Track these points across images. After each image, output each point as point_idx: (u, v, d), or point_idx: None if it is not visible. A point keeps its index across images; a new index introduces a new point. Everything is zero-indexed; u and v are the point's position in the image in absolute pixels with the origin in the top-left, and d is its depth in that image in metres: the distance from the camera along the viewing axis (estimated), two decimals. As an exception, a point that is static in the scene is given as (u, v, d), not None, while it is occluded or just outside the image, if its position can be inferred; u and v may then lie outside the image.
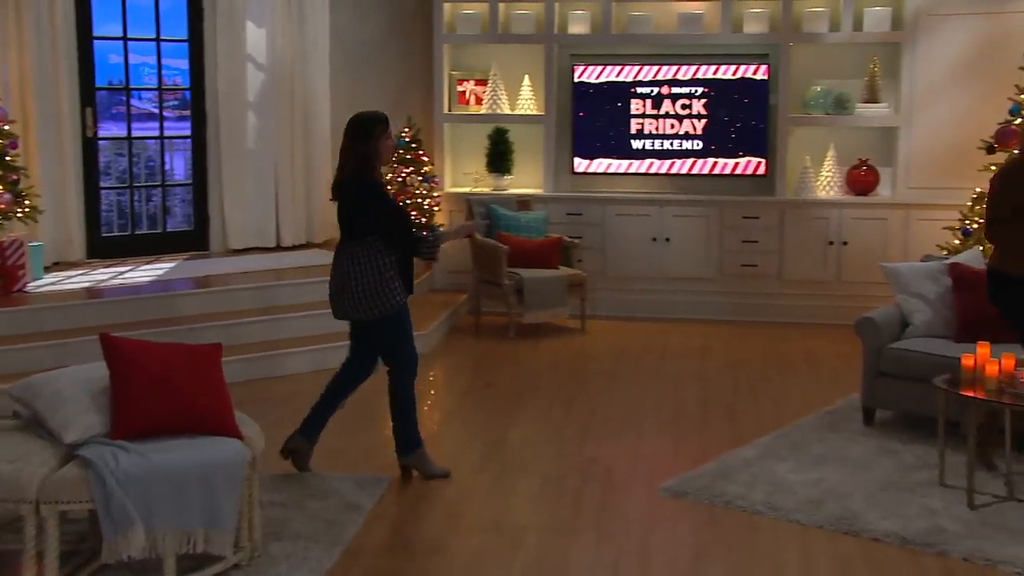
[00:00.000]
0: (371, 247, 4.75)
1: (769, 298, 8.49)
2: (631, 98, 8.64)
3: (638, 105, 8.64)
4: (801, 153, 8.54)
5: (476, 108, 8.88)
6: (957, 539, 4.18)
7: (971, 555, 4.05)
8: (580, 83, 8.66)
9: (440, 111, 8.80)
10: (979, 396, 4.50)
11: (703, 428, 5.74)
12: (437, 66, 8.80)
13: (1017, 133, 6.92)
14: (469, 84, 8.90)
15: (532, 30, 8.71)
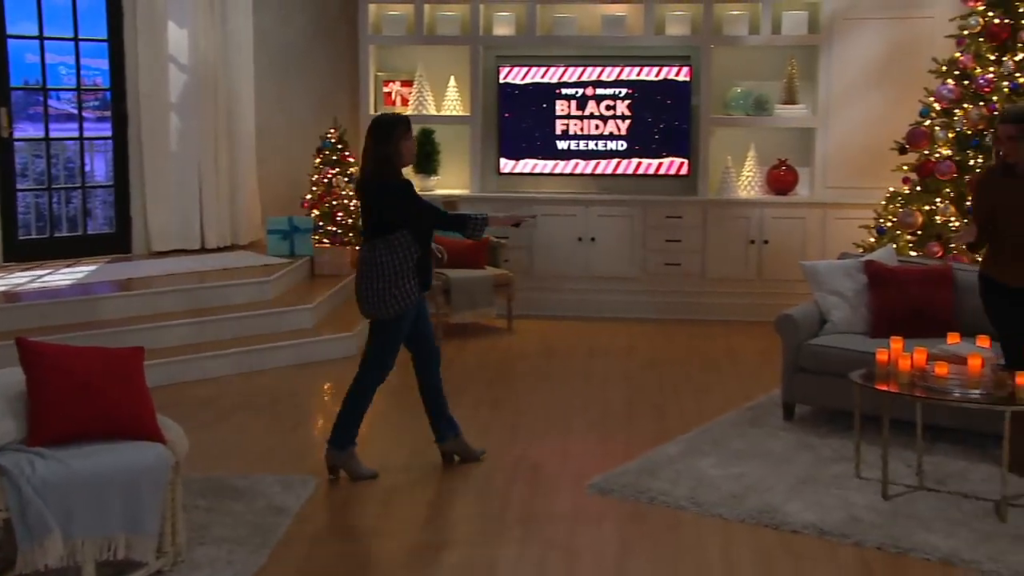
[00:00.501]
0: (392, 245, 4.80)
1: (692, 296, 8.59)
2: (556, 99, 8.68)
3: (563, 106, 8.68)
4: (723, 153, 8.66)
5: (402, 109, 8.84)
6: (872, 529, 4.28)
7: (884, 544, 4.15)
8: (506, 84, 8.68)
9: (366, 112, 8.75)
10: (892, 390, 4.61)
11: (629, 426, 5.79)
12: (363, 67, 8.75)
13: (927, 134, 7.09)
14: (395, 85, 8.86)
15: (458, 31, 8.71)
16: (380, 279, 4.80)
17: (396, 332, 4.91)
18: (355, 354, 7.21)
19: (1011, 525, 4.30)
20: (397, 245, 4.80)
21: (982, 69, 6.95)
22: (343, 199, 8.37)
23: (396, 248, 4.80)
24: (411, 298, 4.83)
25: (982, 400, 4.43)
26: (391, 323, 4.87)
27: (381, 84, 8.86)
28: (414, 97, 8.78)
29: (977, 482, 4.76)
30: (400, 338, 4.94)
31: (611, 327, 8.24)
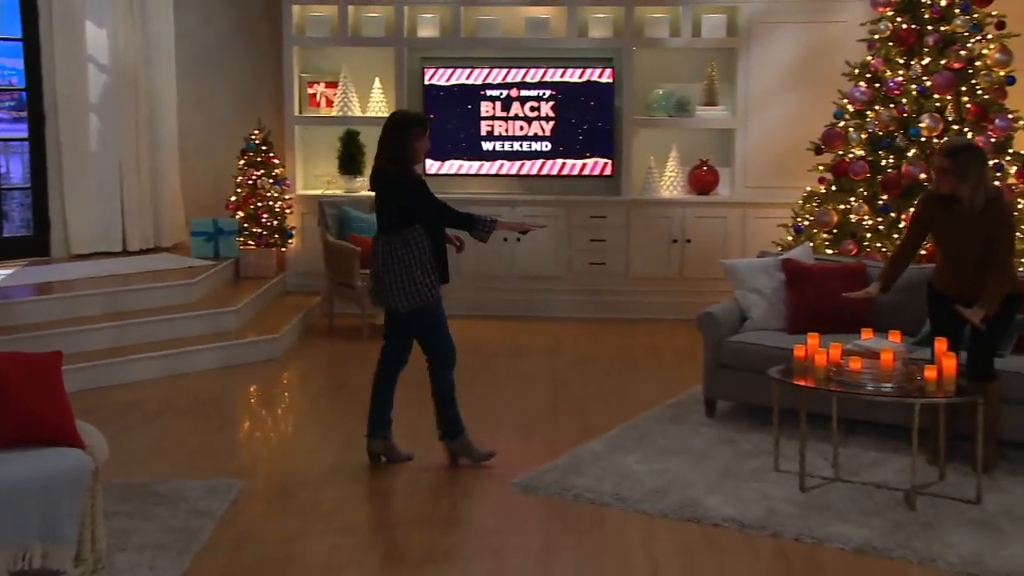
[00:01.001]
0: (408, 239, 4.88)
1: (617, 295, 8.67)
2: (481, 100, 8.68)
3: (488, 107, 8.69)
4: (645, 154, 8.75)
5: (327, 110, 8.77)
6: (789, 520, 4.37)
7: (801, 535, 4.24)
8: (431, 86, 8.67)
9: (290, 113, 8.66)
10: (809, 385, 4.70)
11: (554, 424, 5.82)
12: (287, 68, 8.66)
13: (841, 135, 7.25)
14: (320, 86, 8.79)
15: (382, 33, 8.67)
16: (401, 273, 4.89)
17: (436, 315, 4.99)
18: (280, 356, 7.16)
19: (920, 513, 4.43)
20: (411, 239, 4.89)
21: (892, 72, 7.13)
22: (268, 200, 8.28)
23: (411, 242, 4.89)
24: (434, 289, 4.93)
25: (893, 393, 4.54)
26: (427, 311, 4.94)
27: (305, 85, 8.78)
28: (339, 98, 8.72)
29: (889, 472, 4.89)
30: (443, 317, 5.02)
31: (537, 326, 8.27)
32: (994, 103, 6.95)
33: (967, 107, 6.92)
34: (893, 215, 7.00)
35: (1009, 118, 6.90)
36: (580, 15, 8.58)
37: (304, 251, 8.61)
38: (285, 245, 8.46)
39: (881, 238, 7.03)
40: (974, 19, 6.99)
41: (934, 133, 6.90)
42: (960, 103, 6.96)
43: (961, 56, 6.94)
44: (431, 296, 4.93)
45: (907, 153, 7.00)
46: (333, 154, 8.76)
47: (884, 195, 7.01)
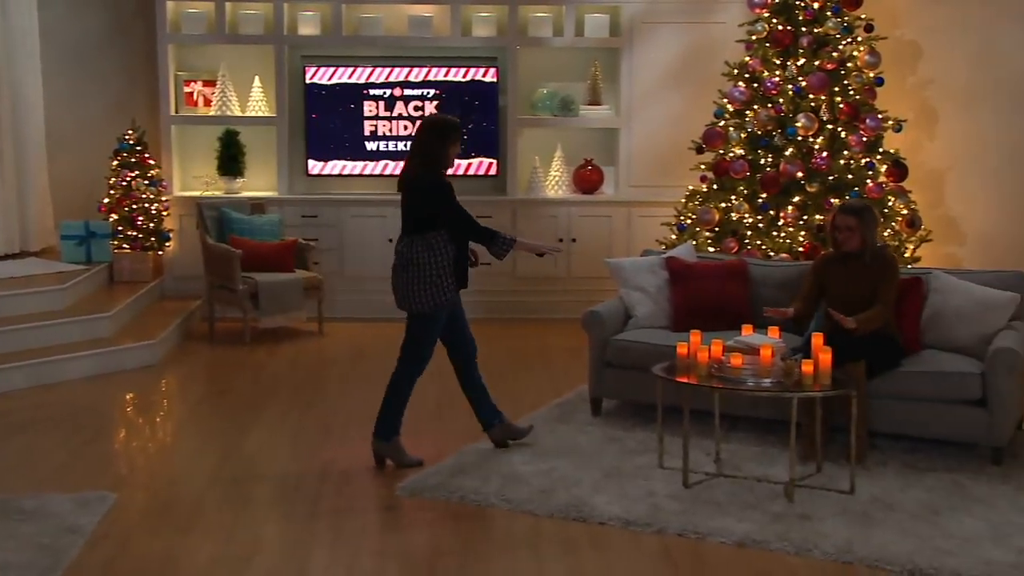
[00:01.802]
0: (432, 243, 4.94)
1: (504, 295, 8.68)
2: (364, 100, 8.60)
3: (371, 107, 8.61)
4: (530, 153, 8.79)
5: (205, 110, 8.57)
6: (673, 516, 4.44)
7: (685, 530, 4.31)
8: (312, 84, 8.54)
9: (166, 113, 8.43)
10: (692, 382, 4.78)
11: (440, 425, 5.80)
12: (162, 66, 8.42)
13: (722, 134, 7.40)
14: (197, 85, 8.58)
15: (261, 31, 8.50)
16: (418, 276, 4.95)
17: (433, 325, 5.04)
18: (158, 363, 6.97)
19: (797, 505, 4.54)
20: (435, 244, 4.94)
21: (769, 73, 7.31)
22: (144, 203, 8.03)
23: (434, 246, 4.94)
24: (447, 295, 4.97)
25: (773, 388, 4.65)
26: (427, 317, 5.01)
27: (182, 84, 8.55)
28: (217, 98, 8.52)
29: (769, 466, 5.00)
30: (436, 331, 5.07)
31: (424, 328, 8.24)
32: (865, 103, 7.20)
33: (840, 107, 7.14)
34: (772, 213, 7.18)
35: (879, 118, 7.14)
36: (464, 14, 8.57)
37: (182, 254, 8.39)
38: (162, 248, 8.23)
39: (761, 236, 7.21)
40: (845, 21, 7.22)
41: (810, 132, 7.10)
42: (834, 103, 7.18)
43: (833, 57, 7.16)
44: (442, 302, 4.99)
45: (785, 152, 7.18)
46: (212, 155, 8.57)
47: (763, 193, 7.19)
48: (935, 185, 7.72)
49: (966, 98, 7.60)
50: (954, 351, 5.31)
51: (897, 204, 7.14)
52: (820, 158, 7.06)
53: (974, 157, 7.57)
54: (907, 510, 4.49)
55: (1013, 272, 5.61)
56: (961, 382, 5.06)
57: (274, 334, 7.78)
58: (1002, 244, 7.36)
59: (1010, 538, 4.22)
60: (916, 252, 7.13)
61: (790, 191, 7.17)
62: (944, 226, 7.58)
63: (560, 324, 8.28)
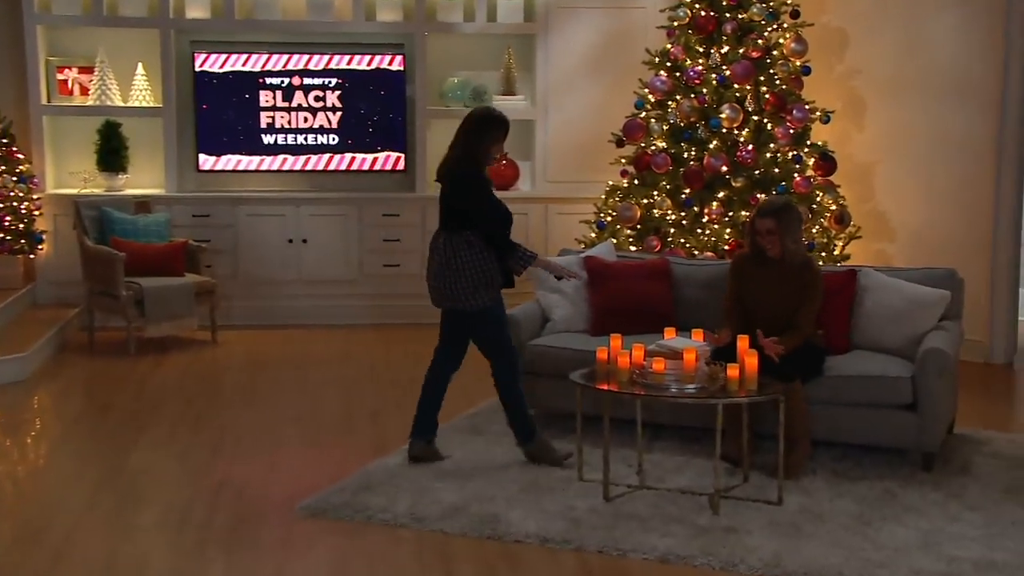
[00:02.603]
0: (471, 242, 5.05)
1: (412, 298, 8.60)
2: (260, 89, 8.51)
3: (268, 97, 8.52)
4: (440, 147, 8.61)
5: (82, 99, 8.38)
6: (593, 532, 4.47)
7: (605, 547, 4.34)
8: (202, 72, 8.42)
9: (37, 102, 8.23)
10: (612, 389, 4.81)
11: (345, 439, 5.76)
12: (30, 51, 8.21)
13: (643, 126, 7.48)
14: (72, 72, 8.39)
15: (144, 13, 8.35)
16: (465, 277, 5.07)
17: (494, 319, 5.17)
18: (28, 378, 6.79)
19: (723, 517, 4.61)
20: (475, 242, 5.06)
21: (692, 61, 7.41)
22: (11, 201, 7.82)
23: (474, 244, 5.06)
24: (494, 292, 5.11)
25: (697, 395, 4.70)
26: (482, 313, 5.13)
27: (54, 71, 8.35)
28: (95, 86, 8.34)
29: (694, 477, 5.07)
30: (503, 319, 5.20)
31: (326, 334, 8.18)
32: (791, 93, 7.34)
33: (766, 97, 7.27)
34: (696, 209, 7.28)
35: (806, 108, 7.29)
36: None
37: (57, 258, 8.20)
38: (34, 251, 8.03)
39: (685, 233, 7.30)
40: (770, 7, 7.35)
41: (735, 124, 7.22)
42: (759, 93, 7.31)
43: (759, 45, 7.29)
44: (490, 300, 5.11)
45: (709, 145, 7.29)
46: (90, 148, 8.38)
47: (687, 189, 7.29)
48: (864, 179, 7.91)
49: (894, 87, 7.81)
50: (883, 352, 5.44)
51: (825, 199, 7.30)
52: (745, 151, 7.18)
53: (903, 149, 7.78)
54: (837, 520, 4.59)
55: (943, 269, 5.76)
56: (891, 386, 5.18)
57: (161, 344, 7.65)
58: (933, 239, 7.57)
59: (940, 547, 4.34)
60: (845, 249, 7.30)
61: (714, 186, 7.28)
62: (874, 221, 7.78)
63: (474, 329, 8.28)
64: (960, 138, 7.52)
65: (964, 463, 5.31)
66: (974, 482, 5.06)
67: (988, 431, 5.84)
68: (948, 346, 5.23)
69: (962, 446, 5.55)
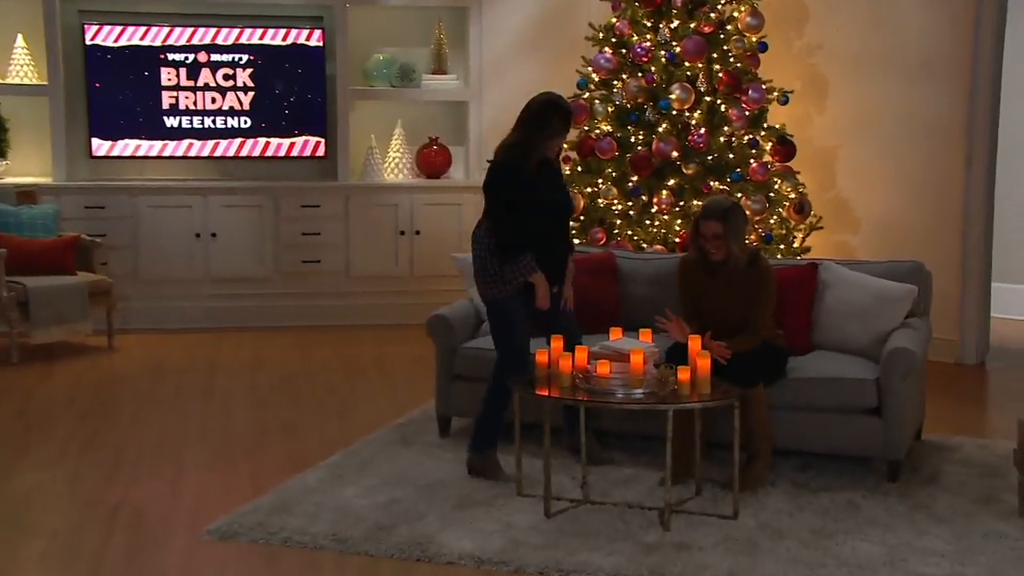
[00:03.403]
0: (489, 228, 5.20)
1: (335, 298, 8.64)
2: (161, 66, 8.43)
3: (170, 74, 8.44)
4: (365, 131, 8.77)
5: (-48, 75, 8.25)
6: (532, 552, 4.49)
7: (546, 567, 4.36)
8: (94, 46, 8.32)
9: None
10: (553, 395, 4.83)
11: (259, 454, 5.74)
12: None
13: (587, 108, 7.53)
14: (-59, 44, 8.25)
15: (24, -23, 8.23)
16: (476, 265, 5.24)
17: (504, 314, 5.21)
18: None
19: (674, 533, 4.65)
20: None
21: (639, 37, 7.47)
22: None
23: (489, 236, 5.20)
24: (508, 287, 5.17)
25: (645, 400, 4.74)
26: (496, 308, 5.23)
27: (-85, 41, 8.21)
28: (-32, 60, 8.22)
29: (643, 491, 5.11)
30: (510, 318, 5.20)
31: (238, 338, 8.15)
32: (747, 71, 7.43)
33: (719, 76, 7.35)
34: (644, 198, 7.34)
35: (763, 88, 7.38)
36: (281, -36, 8.50)
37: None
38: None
39: (632, 225, 7.36)
40: (724, -23, 7.43)
41: (686, 105, 7.28)
42: (712, 71, 7.38)
43: (711, 19, 7.37)
44: (502, 293, 5.18)
45: (658, 128, 7.35)
46: (-37, 131, 8.26)
47: (634, 176, 7.34)
48: (825, 164, 8.03)
49: (858, 65, 7.93)
50: (845, 352, 5.53)
51: (784, 187, 7.40)
52: (697, 135, 7.25)
53: (867, 132, 7.91)
54: (797, 536, 4.65)
55: (910, 262, 5.85)
56: (853, 389, 5.25)
57: (50, 351, 7.59)
58: (899, 230, 7.71)
59: (907, 563, 4.41)
60: (805, 241, 7.40)
61: (664, 173, 7.35)
62: (836, 211, 7.90)
63: (402, 331, 8.28)
64: (929, 119, 7.66)
65: (933, 472, 5.40)
66: (943, 492, 5.14)
67: (958, 437, 5.95)
68: (915, 345, 5.32)
69: (930, 454, 5.65)
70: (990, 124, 7.51)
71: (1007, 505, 4.96)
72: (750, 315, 5.23)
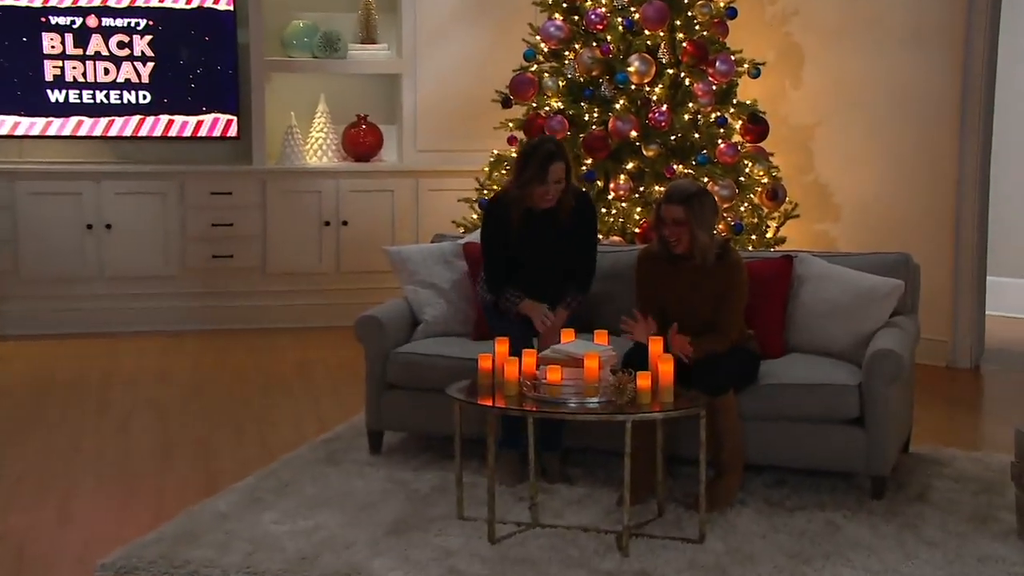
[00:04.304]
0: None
1: (250, 298, 8.61)
2: (42, 31, 8.36)
3: (53, 41, 8.39)
4: (284, 108, 8.74)
5: None
6: (475, 583, 4.51)
7: (489, 600, 4.39)
8: (-37, 8, 8.25)
9: None
10: (498, 405, 4.85)
11: (162, 477, 5.72)
12: None
13: (534, 82, 7.55)
14: None
15: None
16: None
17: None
18: None
19: (633, 559, 4.68)
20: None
21: (593, 2, 7.49)
22: None
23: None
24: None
25: (601, 410, 4.77)
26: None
27: None
28: None
29: (598, 512, 5.14)
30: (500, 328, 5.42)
31: (138, 345, 8.13)
32: (714, 41, 7.48)
33: (683, 46, 7.40)
34: (600, 184, 7.37)
35: (732, 60, 7.43)
36: (185, -84, 8.45)
37: None
38: None
39: (587, 213, 7.38)
40: (687, -66, 7.48)
41: (645, 79, 7.32)
42: (675, 41, 7.42)
43: (674, -19, 7.41)
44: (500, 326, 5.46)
45: (614, 105, 7.38)
46: None
47: (588, 159, 7.37)
48: (802, 145, 8.12)
49: (838, 33, 8.02)
50: (824, 355, 5.58)
51: (756, 170, 7.46)
52: (659, 112, 7.29)
53: (849, 109, 7.99)
54: (770, 561, 4.70)
55: (896, 254, 5.89)
56: (833, 396, 5.28)
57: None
58: (884, 218, 7.80)
59: (894, 589, 4.49)
60: (780, 231, 7.48)
61: (621, 155, 7.39)
62: (814, 197, 7.99)
63: (328, 334, 8.29)
64: (918, 94, 7.74)
65: (922, 488, 5.46)
66: (934, 511, 5.20)
67: (950, 449, 6.02)
68: (902, 347, 5.37)
69: (919, 468, 5.72)
70: (986, 99, 7.59)
71: (1004, 525, 5.03)
72: (718, 315, 5.26)
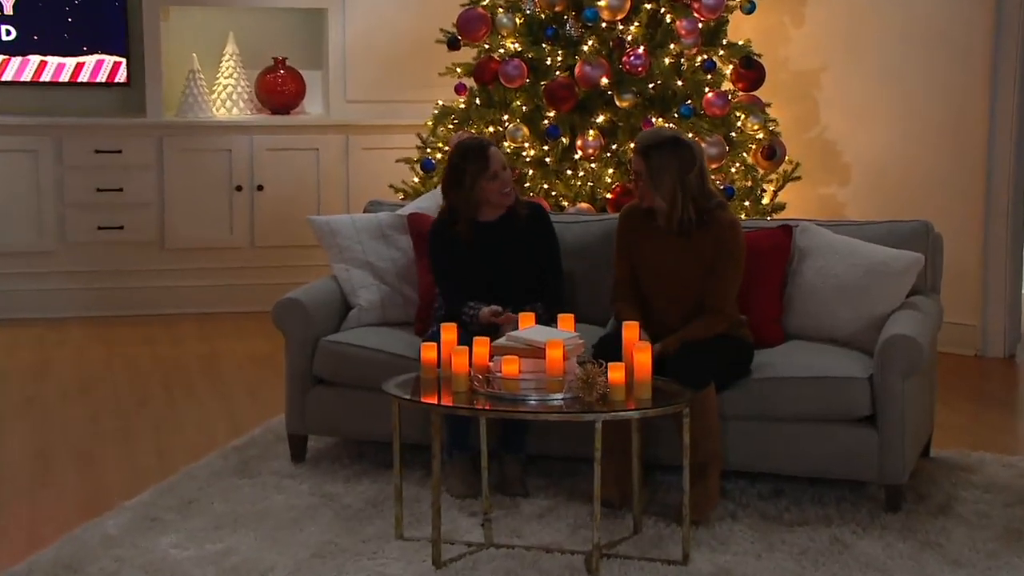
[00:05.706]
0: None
1: (146, 278, 8.60)
2: None
3: None
4: (184, 49, 8.72)
5: None
6: (418, 613, 4.58)
7: (435, 633, 4.46)
8: None
9: None
10: (445, 403, 4.88)
11: (39, 493, 5.72)
12: None
13: (486, 19, 7.54)
14: None
15: None
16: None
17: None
18: None
19: (606, 583, 4.77)
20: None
21: (555, -79, 7.53)
22: None
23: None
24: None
25: (566, 408, 4.80)
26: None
27: None
28: None
29: (563, 529, 5.18)
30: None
31: (11, 335, 8.15)
32: (699, -31, 7.52)
33: (663, -25, 7.43)
34: (565, 141, 7.40)
35: (721, -9, 7.48)
36: None
37: None
38: None
39: (549, 177, 7.41)
40: None
41: (618, 16, 7.34)
42: (653, -31, 7.47)
43: None
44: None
45: (582, 47, 7.41)
46: None
47: (551, 111, 7.40)
48: (804, 94, 8.18)
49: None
50: (829, 342, 5.63)
51: (749, 124, 7.51)
52: (635, 55, 7.31)
53: (860, 51, 8.05)
54: (767, 583, 4.78)
55: (914, 222, 5.92)
56: (840, 391, 5.33)
57: None
58: (901, 180, 7.86)
59: (911, 617, 4.58)
60: (778, 196, 7.53)
61: (591, 107, 7.42)
62: (818, 155, 8.05)
63: (240, 320, 8.33)
64: (941, 33, 7.77)
65: (945, 499, 5.51)
66: (959, 526, 5.25)
67: (979, 453, 6.08)
68: (921, 333, 5.39)
69: (942, 475, 5.77)
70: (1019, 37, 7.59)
71: (1040, 541, 5.10)
72: (707, 289, 5.31)
